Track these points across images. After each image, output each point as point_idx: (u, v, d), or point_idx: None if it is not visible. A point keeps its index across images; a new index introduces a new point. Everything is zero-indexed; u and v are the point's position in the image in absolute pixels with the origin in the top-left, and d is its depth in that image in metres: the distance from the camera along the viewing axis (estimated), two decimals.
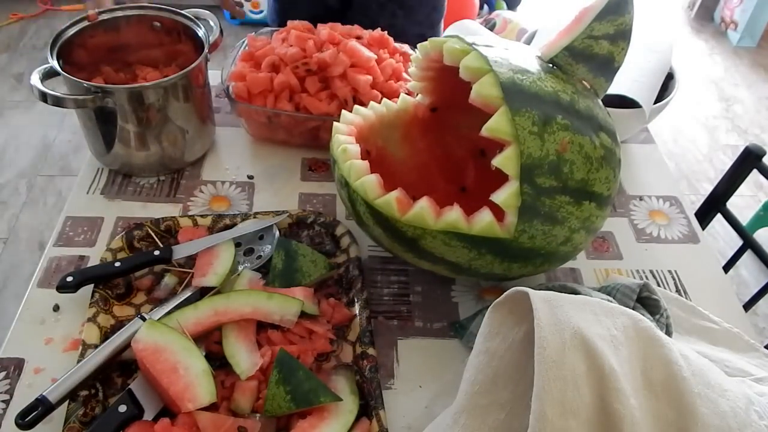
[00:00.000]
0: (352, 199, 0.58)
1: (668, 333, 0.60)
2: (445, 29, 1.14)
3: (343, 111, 0.66)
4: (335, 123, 0.64)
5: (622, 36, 0.60)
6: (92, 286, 0.62)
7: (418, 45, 0.64)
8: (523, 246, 0.56)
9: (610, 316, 0.46)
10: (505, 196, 0.53)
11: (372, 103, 0.70)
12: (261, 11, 2.77)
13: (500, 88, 0.53)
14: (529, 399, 0.40)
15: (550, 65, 0.59)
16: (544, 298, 0.44)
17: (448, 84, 0.64)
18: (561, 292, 0.61)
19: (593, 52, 0.59)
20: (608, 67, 0.60)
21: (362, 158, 0.60)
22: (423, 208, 0.55)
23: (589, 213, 0.57)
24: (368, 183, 0.56)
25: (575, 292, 0.61)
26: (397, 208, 0.55)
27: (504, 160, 0.52)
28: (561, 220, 0.55)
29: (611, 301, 0.56)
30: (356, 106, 0.68)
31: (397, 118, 0.70)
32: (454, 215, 0.54)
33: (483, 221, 0.54)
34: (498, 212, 0.54)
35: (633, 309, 0.57)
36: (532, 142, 0.52)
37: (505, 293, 0.48)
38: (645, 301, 0.61)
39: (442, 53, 0.58)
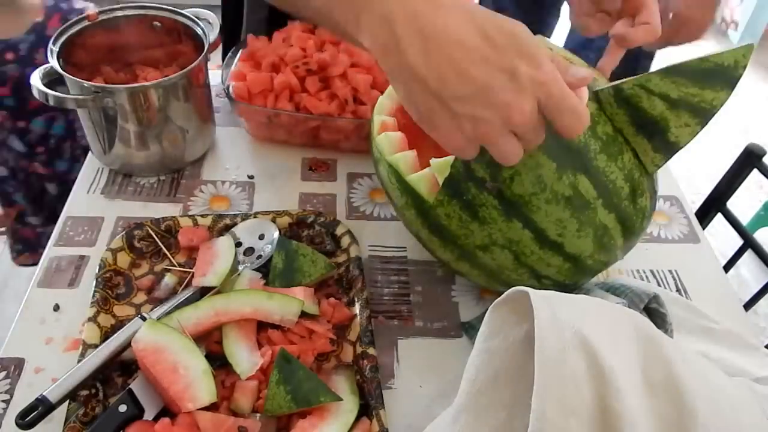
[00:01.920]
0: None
1: None
2: None
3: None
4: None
5: (689, 108, 0.51)
6: (93, 285, 0.62)
7: None
8: (439, 219, 0.56)
9: (611, 316, 0.46)
10: (440, 162, 0.54)
11: None
12: None
13: None
14: (530, 398, 0.40)
15: (590, 92, 0.53)
16: (544, 297, 0.44)
17: None
18: (573, 291, 0.61)
19: (640, 105, 0.52)
20: (659, 135, 0.53)
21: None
22: (388, 136, 0.59)
23: (519, 238, 0.53)
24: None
25: (587, 292, 0.61)
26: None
27: None
28: (481, 219, 0.54)
29: (624, 304, 0.56)
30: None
31: None
32: (406, 155, 0.57)
33: (419, 174, 0.56)
34: None
35: None
36: None
37: (506, 293, 0.48)
38: (652, 312, 0.60)
39: None
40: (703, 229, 0.84)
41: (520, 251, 0.54)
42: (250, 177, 0.80)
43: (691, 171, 2.17)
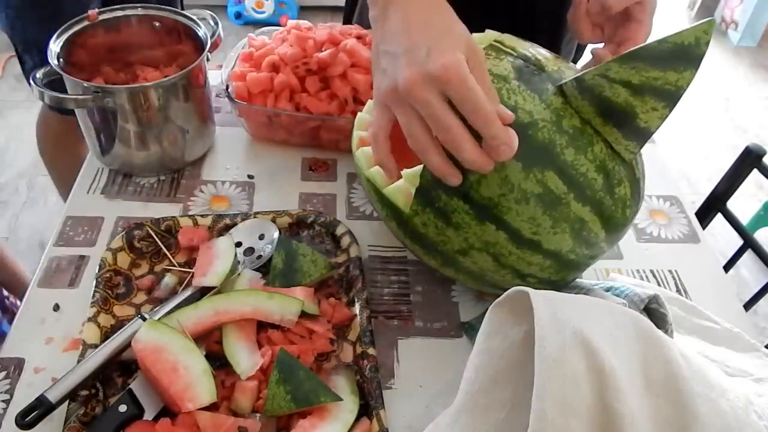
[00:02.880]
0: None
1: None
2: None
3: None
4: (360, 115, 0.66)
5: (654, 93, 0.50)
6: (93, 285, 0.62)
7: None
8: (416, 228, 0.56)
9: (611, 316, 0.46)
10: (410, 172, 0.56)
11: None
12: (263, 12, 2.77)
13: None
14: (530, 398, 0.40)
15: (554, 87, 0.54)
16: (544, 297, 0.45)
17: None
18: (572, 291, 0.61)
19: (603, 94, 0.52)
20: (627, 122, 0.52)
21: None
22: (364, 152, 0.60)
23: (495, 240, 0.53)
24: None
25: (587, 292, 0.61)
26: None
27: None
28: (455, 225, 0.54)
29: (624, 304, 0.56)
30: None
31: None
32: (381, 169, 0.58)
33: (394, 186, 0.57)
34: None
35: None
36: None
37: (506, 293, 0.48)
38: (652, 312, 0.60)
39: None
40: (703, 229, 0.84)
41: (499, 252, 0.54)
42: (250, 177, 0.80)
43: (691, 171, 2.17)
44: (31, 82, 0.68)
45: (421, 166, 0.54)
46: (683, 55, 0.49)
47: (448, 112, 0.48)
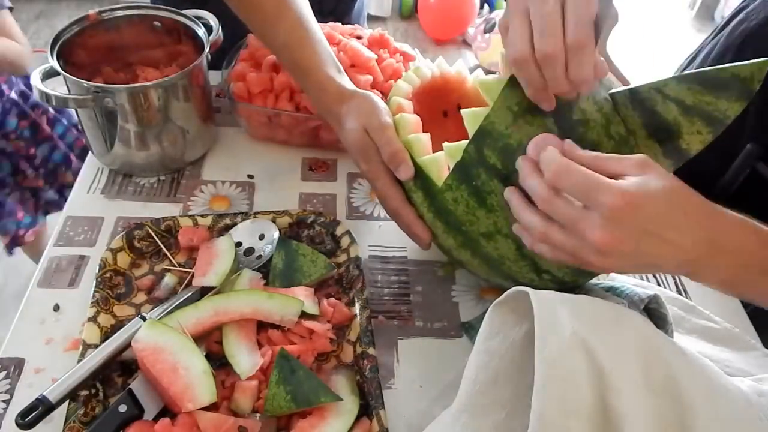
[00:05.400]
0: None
1: None
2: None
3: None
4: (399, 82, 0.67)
5: (703, 116, 0.51)
6: (93, 284, 0.62)
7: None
8: (445, 203, 0.56)
9: (610, 316, 0.46)
10: (452, 146, 0.55)
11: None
12: None
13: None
14: (530, 398, 0.40)
15: (606, 93, 0.55)
16: (544, 297, 0.44)
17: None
18: (572, 290, 0.60)
19: (655, 108, 0.53)
20: (671, 140, 0.53)
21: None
22: (404, 117, 0.61)
23: None
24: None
25: (587, 292, 0.61)
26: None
27: (470, 114, 0.54)
28: (488, 207, 0.54)
29: (624, 304, 0.56)
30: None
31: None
32: (420, 137, 0.58)
33: (431, 156, 0.57)
34: None
35: None
36: (504, 115, 0.52)
37: (506, 293, 0.48)
38: (652, 312, 0.60)
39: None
40: None
41: (524, 242, 0.55)
42: (250, 177, 0.80)
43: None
44: (32, 81, 0.68)
45: (465, 141, 0.54)
46: (737, 87, 0.50)
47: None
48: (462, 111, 0.55)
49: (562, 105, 0.52)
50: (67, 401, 0.52)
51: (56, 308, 0.62)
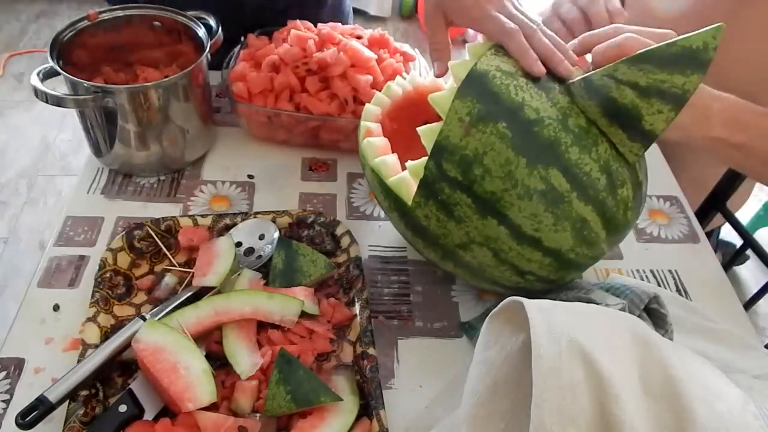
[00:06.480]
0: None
1: None
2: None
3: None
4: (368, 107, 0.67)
5: (660, 95, 0.51)
6: (93, 284, 0.62)
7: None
8: (418, 220, 0.57)
9: (606, 321, 0.46)
10: (414, 164, 0.56)
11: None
12: None
13: (466, 74, 0.54)
14: (529, 408, 0.40)
15: (561, 86, 0.55)
16: (539, 307, 0.44)
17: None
18: (572, 291, 0.60)
19: (610, 95, 0.52)
20: (633, 124, 0.52)
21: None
22: (371, 142, 0.61)
23: (496, 235, 0.54)
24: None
25: (587, 292, 0.61)
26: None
27: (425, 131, 0.55)
28: (457, 218, 0.54)
29: (624, 304, 0.56)
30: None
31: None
32: (386, 160, 0.59)
33: (398, 177, 0.58)
34: None
35: (638, 318, 0.55)
36: (455, 127, 0.53)
37: (501, 303, 0.48)
38: (653, 313, 0.60)
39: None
40: (703, 229, 0.84)
41: (499, 248, 0.55)
42: (250, 177, 0.80)
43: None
44: (31, 81, 0.68)
45: (425, 159, 0.55)
46: (691, 59, 0.50)
47: None
48: (418, 129, 0.56)
49: (512, 108, 0.52)
50: (67, 401, 0.52)
51: (56, 308, 0.62)
